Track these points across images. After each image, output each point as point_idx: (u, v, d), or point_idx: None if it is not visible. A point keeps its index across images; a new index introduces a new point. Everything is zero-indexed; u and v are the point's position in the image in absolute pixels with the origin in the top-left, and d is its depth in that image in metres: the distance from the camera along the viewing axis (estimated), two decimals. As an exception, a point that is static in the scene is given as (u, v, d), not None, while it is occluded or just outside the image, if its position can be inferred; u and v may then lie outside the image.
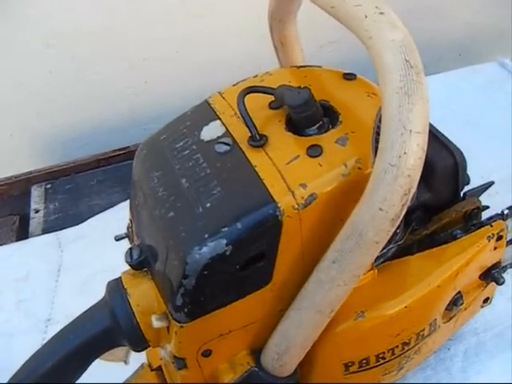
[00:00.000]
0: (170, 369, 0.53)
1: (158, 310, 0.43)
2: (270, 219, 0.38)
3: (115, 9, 0.86)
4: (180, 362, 0.44)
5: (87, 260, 0.71)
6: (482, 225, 0.49)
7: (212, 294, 0.40)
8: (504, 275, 0.57)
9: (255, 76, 0.48)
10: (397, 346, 0.46)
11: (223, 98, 0.47)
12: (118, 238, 0.50)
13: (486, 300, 0.54)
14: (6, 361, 0.48)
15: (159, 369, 0.55)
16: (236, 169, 0.41)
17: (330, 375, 0.47)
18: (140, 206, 0.46)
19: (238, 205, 0.39)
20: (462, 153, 0.47)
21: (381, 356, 0.46)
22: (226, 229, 0.38)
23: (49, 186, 0.84)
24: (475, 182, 0.52)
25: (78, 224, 0.76)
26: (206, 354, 0.43)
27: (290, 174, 0.39)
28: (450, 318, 0.50)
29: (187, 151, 0.44)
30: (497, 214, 0.50)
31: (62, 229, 0.77)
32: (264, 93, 0.43)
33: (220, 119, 0.45)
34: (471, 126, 0.73)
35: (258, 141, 0.41)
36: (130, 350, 0.57)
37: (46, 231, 0.78)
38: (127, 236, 0.50)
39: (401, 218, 0.36)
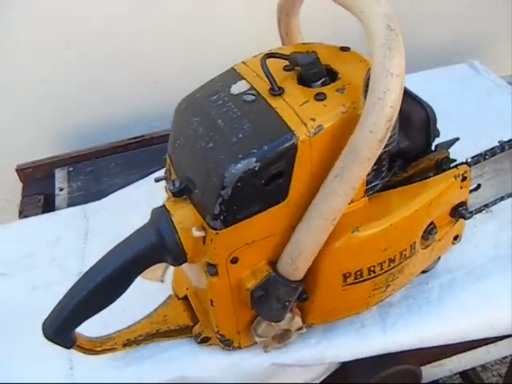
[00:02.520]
0: (197, 293, 0.68)
1: (198, 224, 0.58)
2: (288, 143, 0.54)
3: (128, 15, 1.03)
4: (212, 269, 0.59)
5: (112, 226, 0.83)
6: (450, 168, 0.66)
7: (242, 204, 0.55)
8: (468, 226, 0.75)
9: (270, 50, 0.65)
10: (384, 262, 0.62)
11: (246, 65, 0.63)
12: (157, 180, 0.66)
13: (456, 237, 0.70)
14: (44, 307, 0.60)
15: (185, 298, 0.70)
16: (261, 111, 0.57)
17: (332, 285, 0.62)
18: (180, 148, 0.62)
19: (264, 134, 0.55)
20: (432, 108, 0.64)
21: (372, 269, 0.62)
22: (255, 150, 0.54)
23: (71, 168, 0.98)
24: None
25: (100, 199, 0.91)
26: (234, 260, 0.58)
27: (303, 112, 0.56)
28: (427, 246, 0.66)
29: (220, 101, 0.60)
30: (462, 161, 0.67)
31: (86, 203, 0.91)
32: (280, 57, 0.60)
33: (245, 79, 0.61)
34: (444, 116, 0.90)
35: (277, 91, 0.58)
36: (167, 270, 0.73)
37: (71, 206, 0.92)
38: (165, 178, 0.66)
39: (386, 139, 0.53)
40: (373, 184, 0.62)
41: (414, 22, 1.17)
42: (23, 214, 0.92)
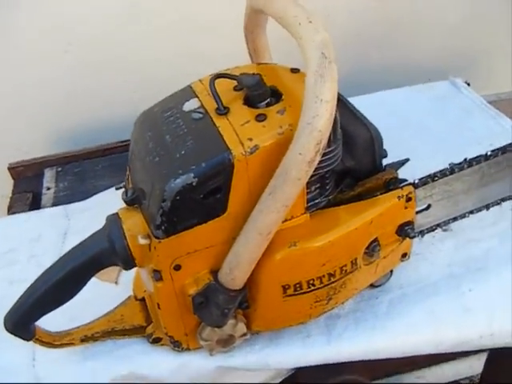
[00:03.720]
0: (150, 296, 0.72)
1: (144, 233, 0.63)
2: (226, 161, 0.58)
3: (126, 21, 1.08)
4: (157, 274, 0.63)
5: (91, 227, 0.88)
6: (396, 189, 0.69)
7: (182, 216, 0.59)
8: (426, 244, 0.78)
9: (227, 69, 0.68)
10: (324, 276, 0.65)
11: (202, 83, 0.67)
12: (117, 188, 0.70)
13: (405, 255, 0.73)
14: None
15: (143, 300, 0.74)
16: (205, 129, 0.61)
17: (272, 296, 0.65)
18: (135, 159, 0.66)
19: (204, 151, 0.59)
20: (377, 129, 0.67)
21: (311, 283, 0.65)
22: (194, 167, 0.58)
23: (60, 169, 1.04)
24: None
25: (84, 199, 0.96)
26: (177, 268, 0.63)
27: (242, 132, 0.59)
28: (371, 262, 0.69)
29: (172, 118, 0.64)
30: (409, 182, 0.70)
31: (70, 203, 0.97)
32: (229, 78, 0.64)
33: (198, 97, 0.65)
34: (423, 132, 0.92)
35: (222, 110, 0.62)
36: (121, 273, 0.77)
37: (55, 205, 0.98)
38: (124, 186, 0.70)
39: (315, 162, 0.56)
40: (316, 201, 0.66)
41: (408, 35, 1.20)
42: (12, 210, 0.98)
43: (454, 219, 0.75)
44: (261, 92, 0.62)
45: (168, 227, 0.60)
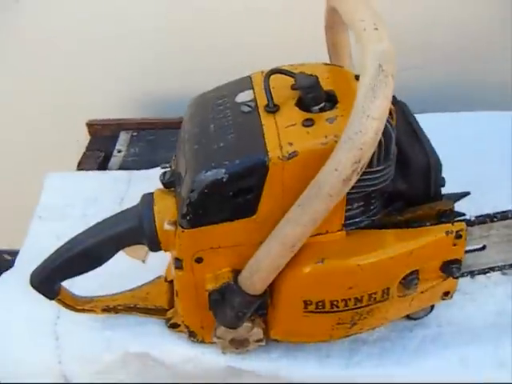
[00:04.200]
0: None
1: (172, 219, 0.61)
2: (260, 162, 0.55)
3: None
4: (178, 263, 0.61)
5: None
6: (446, 222, 0.62)
7: (209, 209, 0.57)
8: (479, 284, 0.71)
9: (291, 65, 0.64)
10: (349, 299, 0.61)
11: (262, 75, 0.64)
12: (162, 166, 0.69)
13: (447, 294, 0.67)
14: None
15: (171, 282, 0.73)
16: (250, 124, 0.58)
17: (292, 308, 0.62)
18: (181, 142, 0.64)
19: (241, 148, 0.56)
20: (436, 155, 0.61)
21: (335, 303, 0.61)
22: (227, 162, 0.55)
23: (135, 133, 1.05)
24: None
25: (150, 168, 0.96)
26: (199, 260, 0.61)
27: (285, 135, 0.56)
28: (406, 295, 0.64)
29: (222, 107, 0.62)
30: (464, 218, 0.63)
31: (135, 169, 0.97)
32: (286, 75, 0.60)
33: (253, 89, 0.62)
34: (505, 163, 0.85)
35: (271, 108, 0.58)
36: (149, 252, 0.76)
37: (121, 169, 0.99)
38: (170, 166, 0.69)
39: (352, 181, 0.52)
40: (356, 220, 0.61)
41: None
42: (80, 166, 1.00)
43: (510, 266, 0.68)
44: (315, 95, 0.58)
45: (193, 218, 0.58)
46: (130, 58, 1.09)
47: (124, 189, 0.93)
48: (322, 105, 0.58)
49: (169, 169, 0.67)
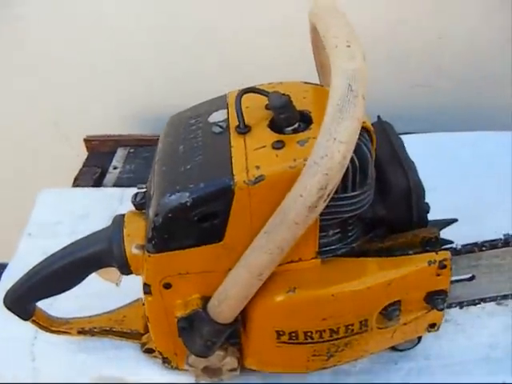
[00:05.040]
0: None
1: (140, 242, 0.58)
2: (226, 187, 0.51)
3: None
4: (146, 288, 0.58)
5: None
6: (430, 251, 0.58)
7: (175, 234, 0.54)
8: (471, 315, 0.66)
9: (270, 83, 0.61)
10: (324, 331, 0.57)
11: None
12: (139, 187, 0.66)
13: (433, 325, 0.62)
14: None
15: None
16: (219, 146, 0.55)
17: (265, 338, 0.58)
18: (154, 162, 0.61)
19: (208, 171, 0.53)
20: (418, 180, 0.57)
21: (309, 335, 0.57)
22: (191, 186, 0.52)
23: (132, 150, 1.03)
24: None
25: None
26: (167, 286, 0.57)
27: (253, 158, 0.52)
28: (387, 327, 0.59)
29: (194, 127, 0.59)
30: (449, 246, 0.59)
31: (129, 187, 0.94)
32: (259, 94, 0.56)
33: (227, 109, 0.59)
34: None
35: (242, 129, 0.55)
36: (122, 275, 0.73)
37: (115, 185, 0.96)
38: (146, 187, 0.66)
39: (319, 208, 0.48)
40: (333, 247, 0.57)
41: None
42: (76, 182, 0.98)
43: (505, 297, 0.63)
44: (287, 116, 0.54)
45: (158, 243, 0.54)
46: (131, 74, 1.07)
47: (115, 207, 0.91)
48: (295, 126, 0.54)
49: (144, 189, 0.64)
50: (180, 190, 0.52)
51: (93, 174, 1.00)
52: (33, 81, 1.06)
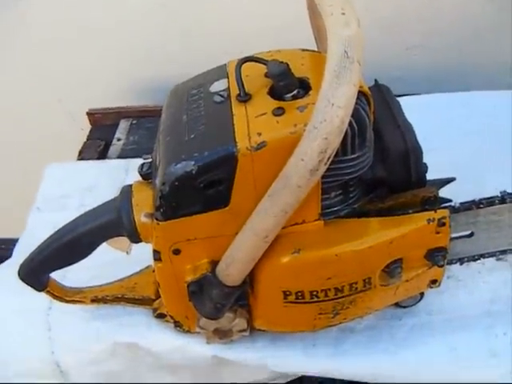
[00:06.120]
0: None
1: (149, 211, 0.60)
2: (229, 154, 0.53)
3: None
4: (156, 254, 0.61)
5: None
6: (430, 209, 0.60)
7: (182, 202, 0.56)
8: (472, 271, 0.69)
9: (268, 51, 0.63)
10: (329, 289, 0.59)
11: (238, 63, 0.62)
12: (144, 158, 0.68)
13: (435, 282, 0.65)
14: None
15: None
16: (221, 115, 0.57)
17: (272, 299, 0.61)
18: (159, 133, 0.63)
19: (211, 139, 0.55)
20: (416, 141, 0.59)
21: (314, 294, 0.59)
22: (196, 154, 0.54)
23: (134, 121, 1.04)
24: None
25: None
26: (176, 252, 0.60)
27: (254, 125, 0.54)
28: (389, 284, 0.62)
29: (196, 97, 0.60)
30: (448, 205, 0.61)
31: (133, 158, 0.97)
32: (258, 62, 0.58)
33: (228, 78, 0.61)
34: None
35: (243, 97, 0.57)
36: (132, 244, 0.76)
37: (120, 157, 0.98)
38: (152, 157, 0.68)
39: (320, 171, 0.50)
40: (334, 209, 0.59)
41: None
42: (81, 155, 1.00)
43: (503, 252, 0.66)
44: (286, 83, 0.55)
45: (167, 211, 0.57)
46: (130, 46, 1.08)
47: (122, 178, 0.93)
48: (294, 92, 0.56)
49: (150, 160, 0.66)
50: (185, 158, 0.54)
51: (97, 146, 1.02)
52: (32, 58, 1.08)
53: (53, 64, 1.10)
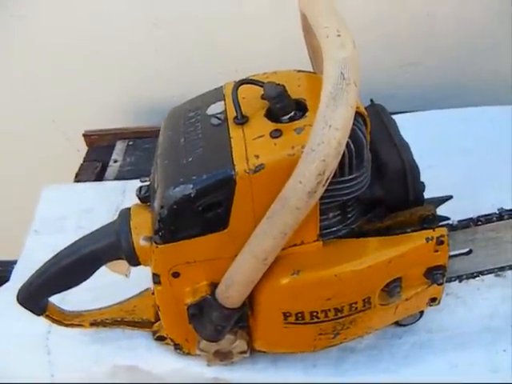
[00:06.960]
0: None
1: (148, 234, 0.60)
2: (227, 177, 0.53)
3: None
4: (155, 278, 0.61)
5: None
6: (428, 228, 0.60)
7: (180, 225, 0.56)
8: (471, 288, 0.69)
9: (264, 73, 0.63)
10: (329, 310, 0.59)
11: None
12: (142, 180, 0.68)
13: (434, 300, 0.65)
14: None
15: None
16: (219, 138, 0.57)
17: (272, 320, 0.61)
18: (156, 156, 0.63)
19: (208, 162, 0.55)
20: (412, 160, 0.59)
21: (314, 314, 0.59)
22: (194, 177, 0.54)
23: (131, 143, 1.05)
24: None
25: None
26: (175, 275, 0.60)
27: (252, 147, 0.54)
28: (389, 303, 0.62)
29: (193, 119, 0.61)
30: (446, 223, 0.61)
31: (130, 179, 0.97)
32: (254, 84, 0.58)
33: (224, 100, 0.61)
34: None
35: (240, 120, 0.57)
36: (131, 267, 0.76)
37: (117, 179, 0.98)
38: (149, 180, 0.68)
39: (318, 193, 0.50)
40: (333, 229, 0.60)
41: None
42: (78, 177, 1.00)
43: (502, 268, 0.66)
44: (283, 105, 0.56)
45: (165, 234, 0.57)
46: (126, 67, 1.08)
47: (119, 199, 0.93)
48: (291, 114, 0.56)
49: (148, 182, 0.67)
50: (183, 182, 0.55)
51: (94, 168, 1.02)
52: (30, 81, 1.08)
53: (47, 85, 1.10)
